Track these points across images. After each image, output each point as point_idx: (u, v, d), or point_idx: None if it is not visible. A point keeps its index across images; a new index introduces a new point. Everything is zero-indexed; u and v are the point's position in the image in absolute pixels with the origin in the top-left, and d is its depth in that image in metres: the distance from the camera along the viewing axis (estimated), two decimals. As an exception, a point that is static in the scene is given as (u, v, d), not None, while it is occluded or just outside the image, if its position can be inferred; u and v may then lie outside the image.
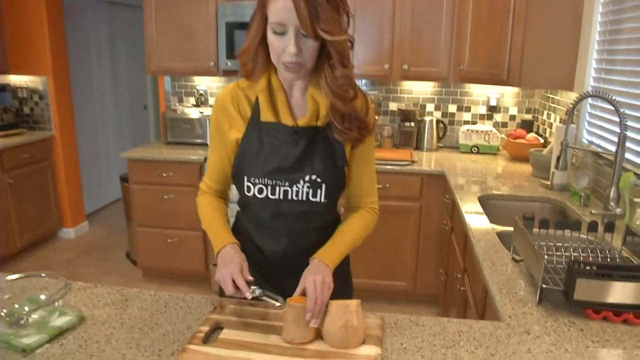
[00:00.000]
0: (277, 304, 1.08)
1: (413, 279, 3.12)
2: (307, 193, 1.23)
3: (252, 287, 1.10)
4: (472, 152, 3.40)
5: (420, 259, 3.08)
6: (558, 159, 2.06)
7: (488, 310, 1.48)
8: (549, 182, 2.47)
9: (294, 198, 1.23)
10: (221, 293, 1.42)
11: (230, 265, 1.12)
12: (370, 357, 0.99)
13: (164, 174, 3.20)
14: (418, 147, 3.50)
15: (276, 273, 1.29)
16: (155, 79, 5.03)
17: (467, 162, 3.14)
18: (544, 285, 1.25)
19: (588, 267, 1.18)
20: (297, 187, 1.22)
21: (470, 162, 3.14)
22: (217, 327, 1.11)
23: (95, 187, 4.98)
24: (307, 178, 1.22)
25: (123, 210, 3.80)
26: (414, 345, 1.07)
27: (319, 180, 1.22)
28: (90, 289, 1.30)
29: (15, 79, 4.11)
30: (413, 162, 3.03)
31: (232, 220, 1.36)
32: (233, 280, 1.10)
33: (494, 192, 2.40)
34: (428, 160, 3.17)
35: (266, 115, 1.22)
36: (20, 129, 4.04)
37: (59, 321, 1.10)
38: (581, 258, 1.41)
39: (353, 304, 1.04)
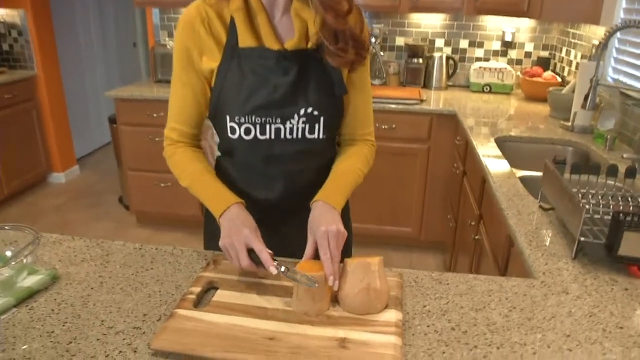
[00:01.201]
0: (315, 285, 0.85)
1: (418, 224, 2.99)
2: (303, 129, 1.05)
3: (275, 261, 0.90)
4: (483, 92, 3.18)
5: (426, 204, 2.94)
6: (586, 97, 1.86)
7: (513, 262, 1.34)
8: (569, 124, 2.28)
9: (288, 136, 1.05)
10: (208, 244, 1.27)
11: (244, 231, 0.92)
12: (390, 323, 0.85)
13: (155, 114, 2.99)
14: (426, 85, 3.27)
15: (271, 224, 1.10)
16: (144, 14, 4.70)
17: (479, 102, 2.93)
18: (582, 238, 1.10)
19: (636, 219, 1.03)
20: (290, 123, 1.04)
21: (482, 102, 2.93)
22: (211, 287, 0.96)
23: (85, 129, 4.77)
24: (302, 112, 1.03)
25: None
26: (438, 308, 0.93)
27: (315, 113, 1.04)
28: (67, 242, 1.14)
29: (-10, 12, 3.81)
30: (422, 101, 2.83)
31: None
32: (248, 251, 0.91)
33: (512, 133, 2.22)
34: (436, 100, 2.96)
35: (246, 40, 1.01)
36: (1, 68, 3.77)
37: (29, 281, 0.95)
38: (621, 207, 1.26)
39: (375, 262, 0.88)
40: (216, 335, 0.80)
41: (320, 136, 1.07)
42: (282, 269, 0.88)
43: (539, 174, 1.66)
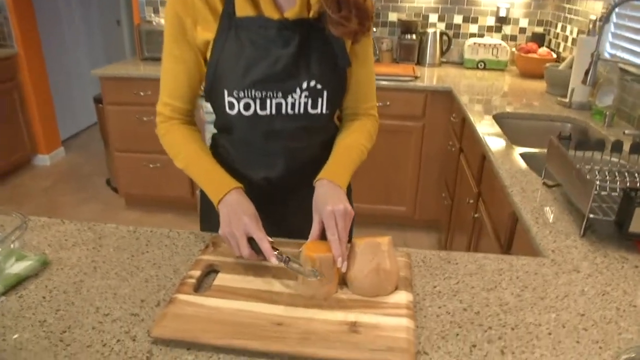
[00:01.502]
0: (318, 277, 0.81)
1: (413, 203, 2.97)
2: (306, 104, 1.00)
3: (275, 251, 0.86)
4: (478, 68, 3.13)
5: (421, 182, 2.91)
6: (586, 73, 1.83)
7: (518, 240, 1.31)
8: (566, 100, 2.25)
9: (289, 112, 1.00)
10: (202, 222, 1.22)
11: (244, 219, 0.88)
12: (400, 305, 0.81)
13: (142, 93, 2.90)
14: (419, 62, 3.21)
15: (271, 203, 1.06)
16: (126, -11, 4.54)
17: (473, 79, 2.88)
18: (591, 215, 1.07)
19: (647, 195, 1.00)
20: (292, 97, 0.99)
21: (476, 79, 2.89)
22: (211, 271, 0.92)
23: (69, 110, 4.63)
24: (304, 85, 0.98)
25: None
26: (449, 288, 0.89)
27: (319, 86, 0.99)
28: (56, 225, 1.09)
29: (-35, -13, 3.64)
30: (416, 77, 2.77)
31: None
32: (249, 240, 0.87)
33: (508, 110, 2.18)
34: (430, 77, 2.91)
35: (243, 9, 0.95)
36: (-21, 46, 3.64)
37: (17, 267, 0.90)
38: (628, 184, 1.23)
39: (385, 242, 0.84)
40: (219, 321, 0.76)
41: (323, 111, 1.02)
42: (284, 259, 0.84)
43: (538, 150, 1.63)
